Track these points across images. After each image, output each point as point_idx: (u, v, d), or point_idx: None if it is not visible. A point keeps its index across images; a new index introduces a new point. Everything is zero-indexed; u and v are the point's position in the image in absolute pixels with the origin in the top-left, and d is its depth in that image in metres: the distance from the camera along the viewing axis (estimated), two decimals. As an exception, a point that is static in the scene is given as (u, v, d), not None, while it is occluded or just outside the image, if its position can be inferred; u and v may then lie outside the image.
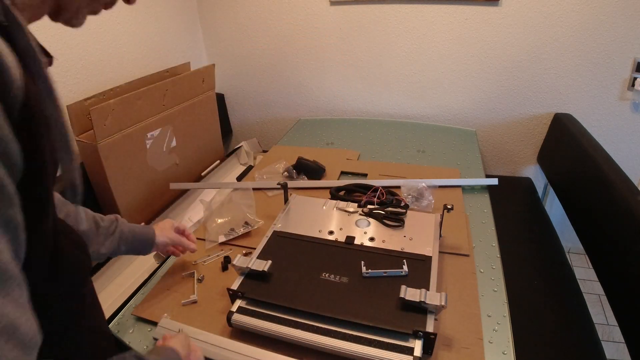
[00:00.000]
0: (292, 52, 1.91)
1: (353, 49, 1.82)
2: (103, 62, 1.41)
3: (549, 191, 1.84)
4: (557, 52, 1.58)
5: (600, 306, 1.68)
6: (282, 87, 2.02)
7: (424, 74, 1.77)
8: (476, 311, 0.79)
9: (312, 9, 1.78)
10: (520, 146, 1.82)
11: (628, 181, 1.10)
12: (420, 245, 0.88)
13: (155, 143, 1.37)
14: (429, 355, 0.69)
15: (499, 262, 0.94)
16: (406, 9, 1.67)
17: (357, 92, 1.92)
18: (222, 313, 0.77)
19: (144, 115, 1.30)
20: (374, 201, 1.07)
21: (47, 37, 1.18)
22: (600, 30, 1.50)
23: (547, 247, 1.37)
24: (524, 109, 1.73)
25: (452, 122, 1.83)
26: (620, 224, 1.06)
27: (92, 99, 1.22)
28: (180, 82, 1.46)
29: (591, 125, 1.64)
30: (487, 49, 1.65)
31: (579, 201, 1.35)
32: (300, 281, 0.78)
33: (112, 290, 1.10)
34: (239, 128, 2.22)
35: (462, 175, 1.31)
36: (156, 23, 1.66)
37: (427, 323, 0.67)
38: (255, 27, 1.90)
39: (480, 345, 0.71)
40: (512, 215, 1.53)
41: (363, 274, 0.79)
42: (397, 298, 0.71)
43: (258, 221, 1.06)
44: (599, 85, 1.60)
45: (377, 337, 0.67)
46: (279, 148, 1.58)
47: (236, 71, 2.05)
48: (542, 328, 1.06)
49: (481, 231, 1.04)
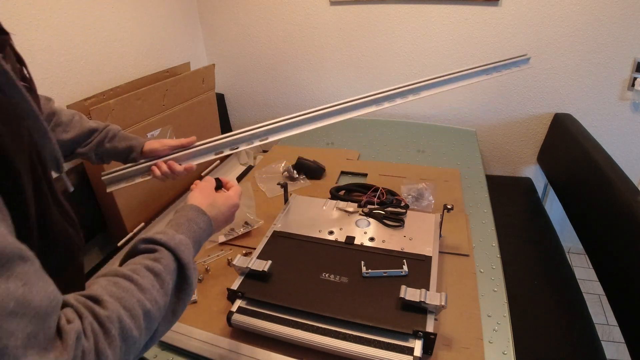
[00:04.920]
0: (292, 52, 1.91)
1: (353, 49, 1.82)
2: (103, 62, 1.41)
3: (549, 191, 1.84)
4: (557, 52, 1.58)
5: (600, 306, 1.68)
6: (282, 87, 2.02)
7: (424, 74, 1.76)
8: (476, 311, 0.79)
9: (312, 9, 1.78)
10: (520, 146, 1.82)
11: (628, 181, 1.10)
12: (420, 245, 0.88)
13: (155, 143, 1.37)
14: (429, 355, 0.69)
15: (499, 262, 0.94)
16: (406, 9, 1.67)
17: (357, 92, 1.89)
18: (222, 313, 0.77)
19: (144, 115, 1.30)
20: (374, 201, 1.07)
21: (47, 37, 1.18)
22: (600, 30, 1.50)
23: (547, 247, 1.37)
24: (524, 109, 1.73)
25: (452, 122, 1.82)
26: (620, 224, 1.06)
27: (92, 99, 1.22)
28: (180, 82, 1.46)
29: (591, 125, 1.64)
30: (487, 49, 1.65)
31: (579, 201, 1.35)
32: (300, 281, 0.78)
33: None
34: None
35: (462, 175, 1.31)
36: (156, 23, 1.66)
37: (427, 323, 0.67)
38: (255, 27, 1.90)
39: (480, 345, 0.71)
40: (512, 215, 1.53)
41: (363, 274, 0.79)
42: (397, 298, 0.71)
43: (258, 221, 1.06)
44: (599, 85, 1.60)
45: (377, 337, 0.67)
46: (279, 148, 1.58)
47: (236, 71, 2.04)
48: (542, 328, 1.06)
49: (481, 231, 1.04)
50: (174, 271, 0.46)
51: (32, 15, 1.14)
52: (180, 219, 0.54)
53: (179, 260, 0.47)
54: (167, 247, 0.47)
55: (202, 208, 0.57)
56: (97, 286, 0.38)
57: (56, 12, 1.21)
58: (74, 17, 1.27)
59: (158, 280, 0.43)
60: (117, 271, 0.41)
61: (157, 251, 0.46)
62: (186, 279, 0.47)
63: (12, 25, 1.09)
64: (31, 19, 1.14)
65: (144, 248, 0.47)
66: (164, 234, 0.48)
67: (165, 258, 0.45)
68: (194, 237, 0.53)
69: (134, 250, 0.47)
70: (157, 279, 0.43)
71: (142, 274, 0.42)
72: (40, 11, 1.16)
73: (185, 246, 0.48)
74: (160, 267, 0.44)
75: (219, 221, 0.60)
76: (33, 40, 1.15)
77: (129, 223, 1.29)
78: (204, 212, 0.57)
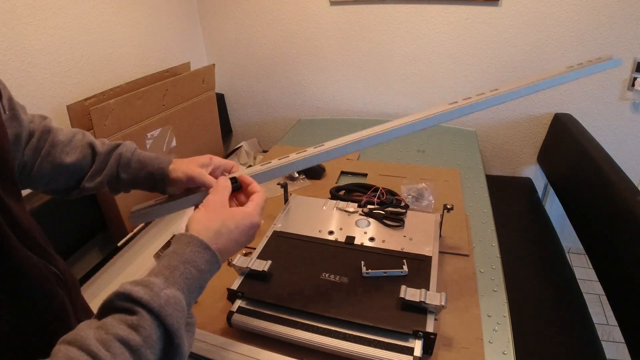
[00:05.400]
0: (292, 52, 1.91)
1: (353, 49, 1.82)
2: (103, 62, 1.41)
3: (549, 191, 1.84)
4: (557, 52, 1.58)
5: (600, 306, 1.68)
6: (282, 87, 2.02)
7: (423, 74, 1.77)
8: (476, 311, 0.79)
9: (312, 9, 1.78)
10: (520, 146, 1.82)
11: (628, 181, 1.10)
12: (420, 245, 0.88)
13: (155, 143, 1.37)
14: (429, 355, 0.69)
15: (499, 262, 0.94)
16: (406, 9, 1.67)
17: (357, 92, 1.92)
18: (222, 313, 0.77)
19: (144, 115, 1.30)
20: (374, 201, 1.07)
21: (47, 37, 1.18)
22: (600, 30, 1.50)
23: (547, 247, 1.37)
24: (524, 109, 1.73)
25: (452, 122, 1.82)
26: (620, 224, 1.06)
27: (92, 99, 1.22)
28: (180, 82, 1.46)
29: (591, 125, 1.64)
30: (487, 49, 1.65)
31: (578, 201, 1.35)
32: (300, 281, 0.78)
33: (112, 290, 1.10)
34: (239, 128, 2.22)
35: (462, 175, 1.31)
36: (156, 23, 1.66)
37: (427, 323, 0.67)
38: (256, 27, 1.90)
39: (480, 345, 0.71)
40: (512, 215, 1.53)
41: (363, 274, 0.79)
42: (397, 298, 0.71)
43: (258, 221, 1.06)
44: (599, 85, 1.60)
45: (377, 337, 0.67)
46: (278, 148, 1.58)
47: (236, 71, 2.05)
48: (542, 328, 1.06)
49: (481, 231, 1.04)
50: (158, 340, 0.36)
51: (32, 15, 1.14)
52: (173, 260, 0.42)
53: (164, 325, 0.37)
54: (149, 309, 0.36)
55: (204, 241, 0.44)
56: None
57: (56, 12, 1.21)
58: (74, 17, 1.27)
59: (134, 358, 0.34)
60: (82, 343, 0.32)
61: (136, 313, 0.36)
62: (174, 349, 0.37)
63: (12, 25, 1.09)
64: (31, 19, 1.14)
65: (120, 306, 0.37)
66: (147, 289, 0.37)
67: (145, 325, 0.35)
68: (191, 285, 0.42)
69: (108, 305, 0.37)
70: (133, 356, 0.34)
71: (113, 349, 0.33)
72: (40, 11, 1.16)
73: (174, 307, 0.38)
74: (138, 339, 0.34)
75: (228, 251, 0.48)
76: (33, 41, 1.14)
77: (129, 223, 1.29)
78: (207, 246, 0.44)
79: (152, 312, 0.36)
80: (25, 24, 1.12)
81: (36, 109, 1.19)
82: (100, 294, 1.10)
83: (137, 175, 0.61)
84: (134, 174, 0.61)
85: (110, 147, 0.62)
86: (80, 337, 0.33)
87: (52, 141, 0.59)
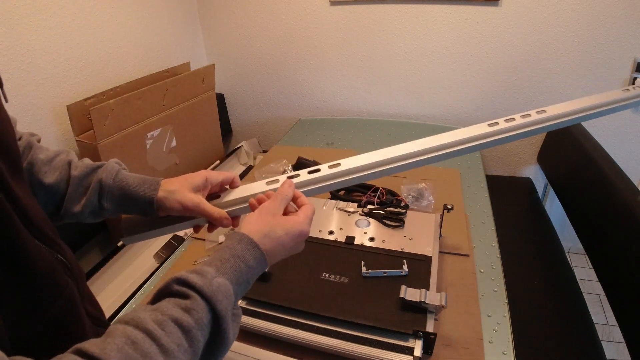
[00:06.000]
0: (292, 52, 1.91)
1: (353, 49, 1.82)
2: (103, 62, 1.41)
3: (549, 191, 1.84)
4: (557, 52, 1.58)
5: (600, 306, 1.68)
6: (282, 87, 2.02)
7: (424, 74, 1.77)
8: (476, 311, 0.79)
9: (312, 9, 1.78)
10: (520, 146, 1.82)
11: (628, 181, 1.10)
12: (420, 245, 0.88)
13: (155, 143, 1.37)
14: (429, 355, 0.69)
15: (499, 262, 0.94)
16: (406, 9, 1.67)
17: (357, 92, 1.92)
18: (222, 313, 0.77)
19: (144, 115, 1.30)
20: (374, 201, 1.07)
21: (47, 37, 1.18)
22: (600, 30, 1.50)
23: (547, 247, 1.37)
24: (524, 109, 1.71)
25: (452, 122, 1.82)
26: (620, 224, 1.06)
27: (92, 99, 1.22)
28: (180, 82, 1.46)
29: (591, 125, 1.64)
30: (487, 49, 1.65)
31: (579, 201, 1.35)
32: (300, 281, 0.78)
33: (112, 290, 1.10)
34: (239, 128, 2.22)
35: (462, 175, 1.31)
36: (156, 23, 1.66)
37: (427, 323, 0.67)
38: (255, 27, 1.90)
39: (480, 345, 0.71)
40: (512, 215, 1.53)
41: (363, 274, 0.79)
42: (397, 298, 0.71)
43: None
44: (599, 85, 1.60)
45: (377, 337, 0.67)
46: (279, 148, 1.58)
47: (236, 71, 2.05)
48: (542, 328, 1.06)
49: (481, 231, 1.04)
50: (208, 324, 0.39)
51: (32, 15, 1.14)
52: (225, 253, 0.45)
53: (214, 311, 0.39)
54: (202, 294, 0.39)
55: (254, 240, 0.47)
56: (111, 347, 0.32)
57: (56, 12, 1.21)
58: (74, 17, 1.27)
59: (187, 338, 0.36)
60: (139, 322, 0.35)
61: (189, 297, 0.39)
62: (221, 334, 0.40)
63: (12, 25, 1.09)
64: (31, 19, 1.14)
65: (176, 291, 0.39)
66: (201, 276, 0.40)
67: (198, 308, 0.38)
68: (239, 278, 0.44)
69: (165, 290, 0.40)
70: (185, 337, 0.36)
71: (168, 329, 0.35)
72: (40, 11, 1.16)
73: (224, 294, 0.41)
74: (191, 321, 0.37)
75: (276, 255, 0.49)
76: (33, 41, 1.14)
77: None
78: (257, 245, 0.47)
79: (205, 297, 0.39)
80: (25, 24, 1.12)
81: (36, 109, 1.20)
82: (101, 294, 1.10)
83: (122, 204, 0.57)
84: (117, 202, 0.57)
85: (86, 171, 0.56)
86: (137, 317, 0.35)
87: (31, 159, 0.55)
